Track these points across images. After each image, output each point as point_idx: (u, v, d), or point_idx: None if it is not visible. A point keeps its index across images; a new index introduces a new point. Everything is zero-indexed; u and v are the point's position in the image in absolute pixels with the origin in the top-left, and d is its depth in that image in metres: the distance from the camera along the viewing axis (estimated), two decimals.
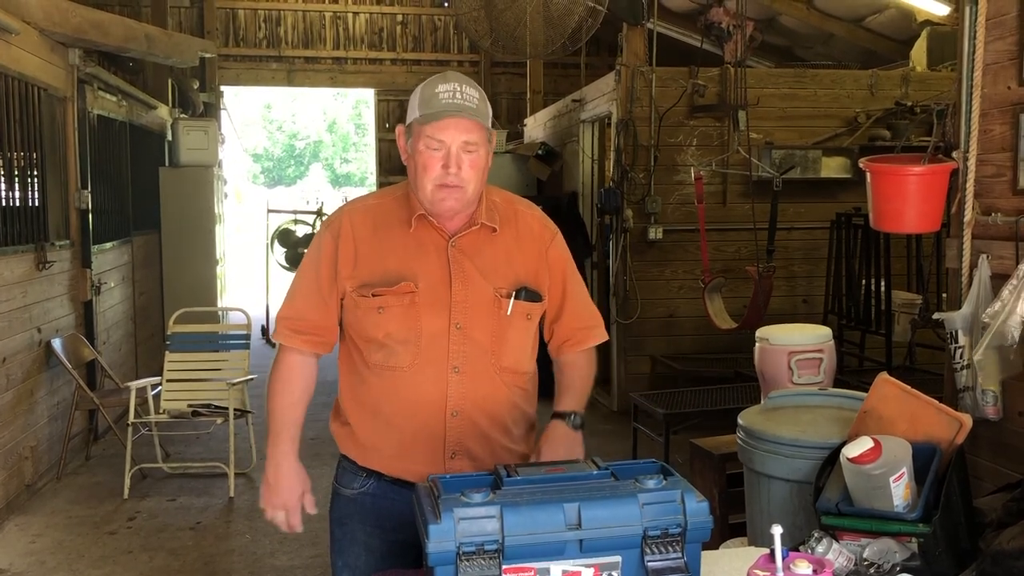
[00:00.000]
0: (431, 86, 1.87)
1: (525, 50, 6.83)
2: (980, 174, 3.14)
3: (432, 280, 1.91)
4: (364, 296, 1.92)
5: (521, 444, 2.02)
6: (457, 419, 1.92)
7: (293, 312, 2.01)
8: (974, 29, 3.10)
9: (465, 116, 1.83)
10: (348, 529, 2.02)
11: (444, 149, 1.84)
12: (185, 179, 8.97)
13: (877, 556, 1.86)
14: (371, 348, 1.94)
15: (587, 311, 2.10)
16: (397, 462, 1.95)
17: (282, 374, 2.02)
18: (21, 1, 5.14)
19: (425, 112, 1.84)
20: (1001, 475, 2.89)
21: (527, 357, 2.01)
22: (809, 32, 9.07)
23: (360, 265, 1.93)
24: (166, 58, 7.32)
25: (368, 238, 1.95)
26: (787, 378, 3.51)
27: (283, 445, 1.99)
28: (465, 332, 1.91)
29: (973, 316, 3.02)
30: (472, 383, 1.92)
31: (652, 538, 1.47)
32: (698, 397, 5.26)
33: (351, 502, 2.02)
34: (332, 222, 2.00)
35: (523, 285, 1.95)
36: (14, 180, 5.35)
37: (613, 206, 6.81)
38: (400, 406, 1.93)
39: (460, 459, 1.92)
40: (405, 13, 11.63)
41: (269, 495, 1.99)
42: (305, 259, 2.04)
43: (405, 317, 1.90)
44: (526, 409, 2.03)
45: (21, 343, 5.08)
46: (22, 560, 4.24)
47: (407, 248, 1.93)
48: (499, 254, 1.96)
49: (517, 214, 2.03)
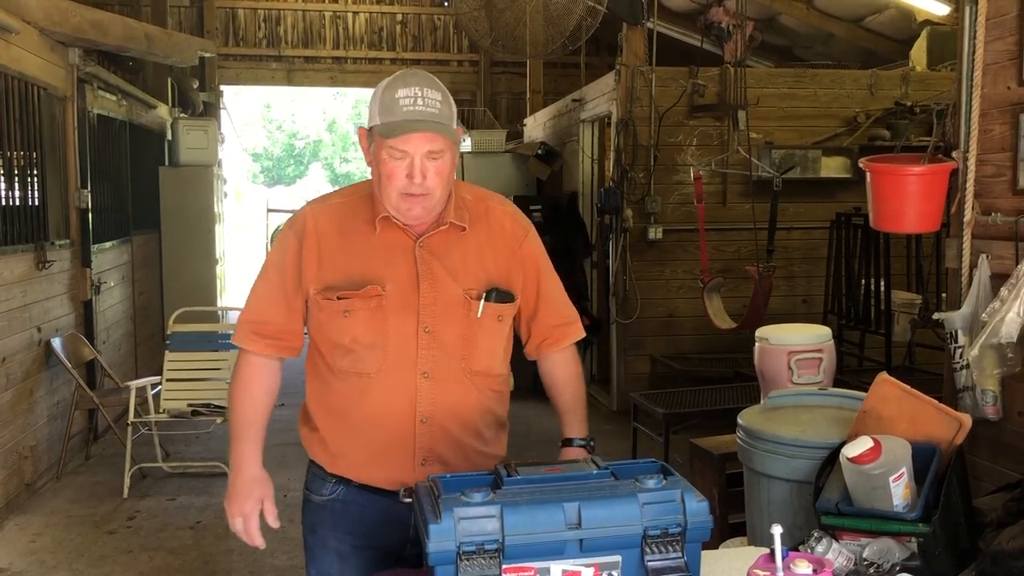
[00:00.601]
0: (391, 90, 1.79)
1: (525, 49, 6.83)
2: (980, 174, 3.14)
3: (399, 283, 1.85)
4: (329, 299, 1.86)
5: (493, 446, 1.97)
6: (427, 425, 1.87)
7: (256, 315, 1.94)
8: (974, 29, 3.11)
9: (425, 129, 1.76)
10: (320, 536, 1.98)
11: (408, 159, 1.78)
12: (185, 178, 8.97)
13: (877, 556, 1.86)
14: (336, 353, 1.88)
15: (564, 308, 2.04)
16: (366, 469, 1.90)
17: (243, 377, 1.96)
18: (21, 1, 5.14)
19: (386, 121, 1.77)
20: (1001, 475, 2.89)
21: (499, 360, 1.95)
22: (809, 32, 9.07)
23: (325, 267, 1.87)
24: (166, 57, 7.32)
25: (333, 239, 1.88)
26: (787, 378, 3.51)
27: (245, 450, 1.93)
28: (434, 336, 1.85)
29: (973, 316, 3.02)
30: (442, 388, 1.87)
31: (652, 538, 1.47)
32: (698, 397, 5.26)
33: (321, 509, 1.97)
34: (295, 222, 1.93)
35: (494, 286, 1.90)
36: (14, 179, 5.34)
37: (613, 206, 6.82)
38: (368, 413, 1.87)
39: (431, 465, 1.87)
40: (405, 13, 11.63)
41: (228, 502, 1.93)
42: (268, 260, 1.97)
43: (372, 321, 1.84)
44: (498, 411, 1.98)
45: (21, 342, 5.08)
46: (22, 559, 4.24)
47: (373, 249, 1.87)
48: (469, 254, 1.90)
49: (488, 211, 1.97)
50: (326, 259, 1.87)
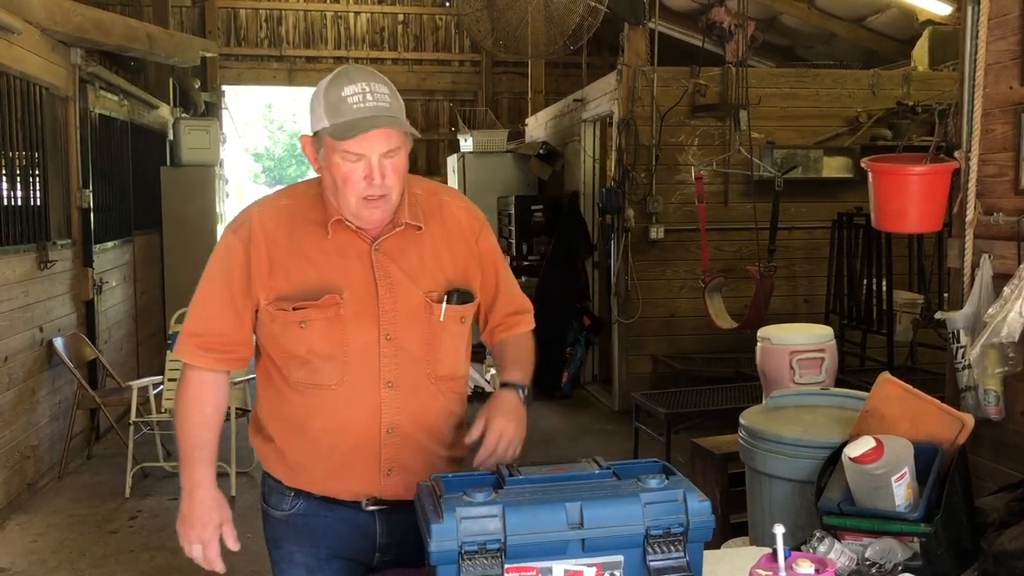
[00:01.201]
0: (335, 89, 1.69)
1: (526, 50, 6.83)
2: (982, 174, 3.14)
3: (357, 290, 1.76)
4: (283, 310, 1.76)
5: (456, 448, 1.92)
6: (393, 436, 1.79)
7: (202, 327, 1.81)
8: (976, 29, 3.10)
9: (382, 126, 1.68)
10: (285, 552, 1.89)
11: (364, 160, 1.69)
12: (186, 178, 8.97)
13: (879, 556, 1.86)
14: (292, 365, 1.79)
15: (518, 299, 2.01)
16: (328, 482, 1.82)
17: (190, 394, 1.83)
18: (23, 1, 5.15)
19: (336, 123, 1.67)
20: (1003, 475, 2.89)
21: (462, 362, 1.90)
22: (810, 32, 9.06)
23: (276, 275, 1.77)
24: (168, 58, 7.32)
25: (283, 244, 1.77)
26: (789, 378, 3.51)
27: (197, 472, 1.81)
28: (396, 343, 1.77)
29: (975, 316, 3.02)
30: (407, 397, 1.79)
31: (654, 537, 1.47)
32: (699, 397, 5.25)
33: (283, 524, 1.89)
34: (240, 226, 1.80)
35: (454, 287, 1.83)
36: (16, 179, 5.35)
37: (614, 206, 6.82)
38: (329, 425, 1.78)
39: (396, 475, 1.81)
40: (406, 13, 11.63)
41: (183, 528, 1.82)
42: (210, 268, 1.83)
43: (329, 331, 1.75)
44: (459, 412, 1.93)
45: (23, 342, 5.08)
46: (23, 559, 4.25)
47: (326, 255, 1.77)
48: (426, 253, 1.83)
49: (442, 206, 1.88)
50: (277, 266, 1.77)
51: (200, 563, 1.83)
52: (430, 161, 11.51)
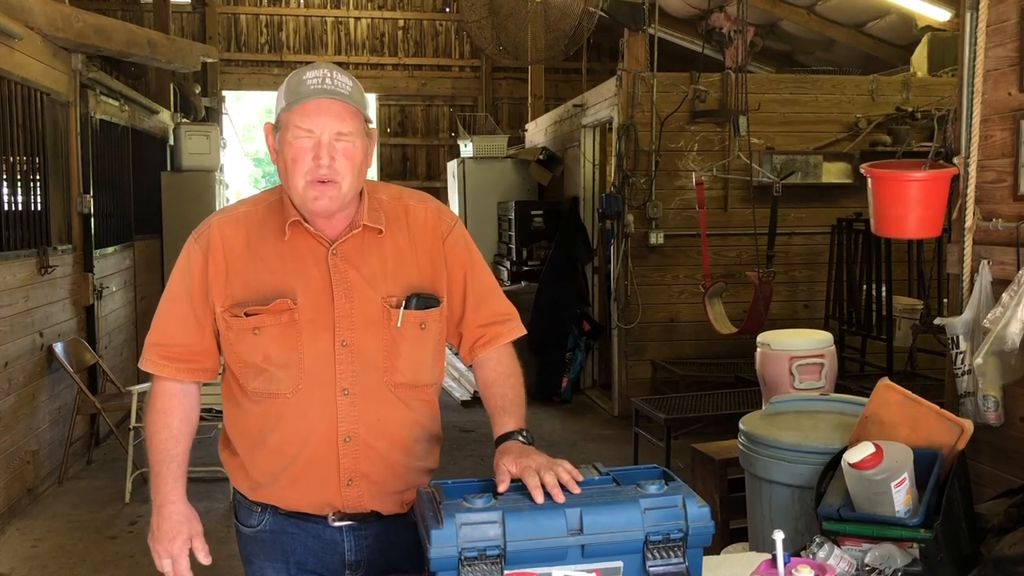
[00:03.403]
0: (298, 75, 1.71)
1: (527, 55, 6.86)
2: (981, 180, 3.15)
3: (312, 294, 1.73)
4: (236, 316, 1.73)
5: (426, 459, 1.86)
6: (351, 445, 1.75)
7: (165, 337, 1.80)
8: (975, 35, 3.11)
9: (336, 99, 1.66)
10: (256, 567, 1.88)
11: (314, 138, 1.67)
12: (187, 183, 8.98)
13: (879, 561, 1.86)
14: (248, 374, 1.77)
15: (495, 306, 1.87)
16: (289, 494, 1.80)
17: (157, 407, 1.81)
18: (25, 6, 5.16)
19: (292, 99, 1.68)
20: (1002, 481, 2.89)
21: (426, 369, 1.82)
22: (810, 37, 9.08)
23: (232, 282, 1.75)
24: (168, 63, 7.33)
25: (240, 251, 1.75)
26: (788, 383, 3.52)
27: (165, 488, 1.78)
28: (353, 350, 1.73)
29: (974, 321, 3.03)
30: (365, 405, 1.75)
31: (654, 543, 1.47)
32: (699, 402, 5.26)
33: (252, 540, 1.87)
34: (200, 235, 1.79)
35: (415, 292, 1.77)
36: (17, 184, 5.35)
37: (614, 211, 6.82)
38: (286, 436, 1.76)
39: (358, 485, 1.77)
40: (407, 18, 11.65)
41: (153, 543, 1.78)
42: (173, 277, 1.81)
43: (284, 338, 1.72)
44: (428, 424, 1.86)
45: (23, 347, 5.08)
46: (23, 564, 4.24)
47: (283, 260, 1.75)
48: (387, 258, 1.78)
49: (407, 210, 1.83)
50: (233, 273, 1.75)
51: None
52: (430, 166, 11.53)
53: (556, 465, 1.55)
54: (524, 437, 1.71)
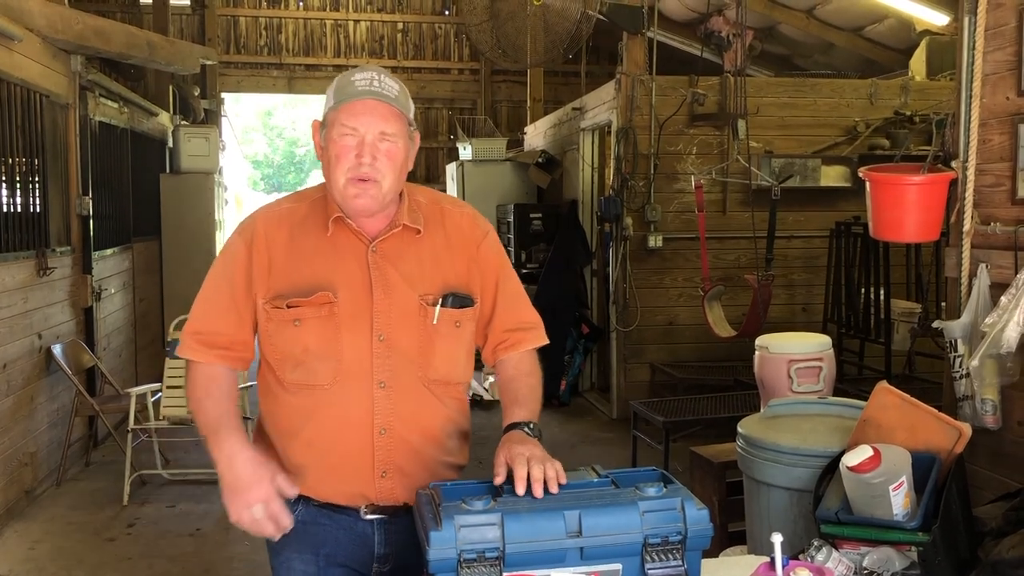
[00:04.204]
0: (347, 76, 1.77)
1: (526, 58, 6.87)
2: (979, 184, 3.15)
3: (352, 289, 1.77)
4: (278, 308, 1.77)
5: (457, 455, 1.89)
6: (386, 437, 1.79)
7: (204, 326, 1.83)
8: (973, 39, 3.12)
9: (382, 101, 1.72)
10: (284, 559, 1.89)
11: (358, 137, 1.72)
12: (186, 185, 8.98)
13: (877, 565, 1.86)
14: (287, 366, 1.80)
15: (522, 313, 1.92)
16: (324, 486, 1.82)
17: (198, 384, 1.82)
18: (24, 8, 5.16)
19: (339, 98, 1.75)
20: (1000, 484, 2.89)
21: (459, 367, 1.86)
22: (809, 41, 9.10)
23: (275, 274, 1.79)
24: (168, 65, 7.33)
25: (283, 245, 1.80)
26: (787, 386, 3.52)
27: (227, 443, 1.73)
28: (389, 344, 1.77)
29: (972, 325, 3.03)
30: (400, 398, 1.79)
31: (652, 546, 1.47)
32: (698, 405, 5.26)
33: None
34: (244, 229, 1.85)
35: (451, 291, 1.82)
36: (16, 186, 5.35)
37: (613, 214, 6.83)
38: (323, 427, 1.79)
39: (391, 477, 1.80)
40: (406, 21, 11.66)
41: (235, 498, 1.71)
42: (214, 268, 1.88)
43: (323, 330, 1.76)
44: (459, 420, 1.90)
45: (21, 349, 5.08)
46: (21, 566, 4.24)
47: (324, 255, 1.80)
48: (425, 258, 1.83)
49: (444, 214, 1.88)
50: (276, 266, 1.80)
51: (261, 527, 1.70)
52: (429, 169, 11.53)
53: (548, 461, 1.57)
54: (530, 429, 1.72)
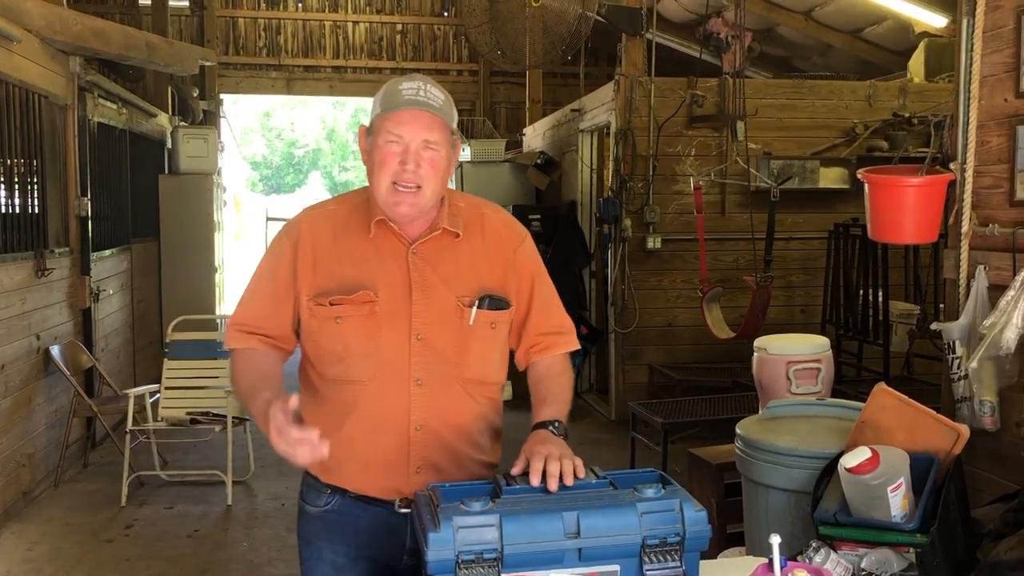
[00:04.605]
0: (394, 84, 1.82)
1: (525, 60, 6.87)
2: (977, 185, 3.15)
3: (392, 289, 1.84)
4: (321, 305, 1.84)
5: (489, 454, 1.94)
6: (421, 433, 1.84)
7: (245, 318, 1.92)
8: (971, 41, 3.12)
9: (428, 111, 1.78)
10: (315, 548, 1.95)
11: (403, 144, 1.78)
12: (184, 187, 8.98)
13: (875, 566, 1.86)
14: (328, 361, 1.86)
15: (556, 317, 1.99)
16: (361, 478, 1.88)
17: (238, 367, 1.89)
18: (23, 9, 5.16)
19: (386, 106, 1.80)
20: (998, 485, 2.89)
21: (494, 368, 1.92)
22: (807, 43, 9.10)
23: (319, 273, 1.86)
24: (166, 66, 7.34)
25: (327, 245, 1.87)
26: (785, 388, 3.52)
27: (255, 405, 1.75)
28: (426, 343, 1.83)
29: (971, 327, 3.03)
30: (436, 396, 1.84)
31: (651, 547, 1.47)
32: (696, 406, 5.26)
33: (316, 520, 1.94)
34: (291, 228, 1.93)
35: (487, 293, 1.88)
36: (14, 187, 5.35)
37: (612, 215, 6.83)
38: (361, 421, 1.84)
39: (425, 473, 1.84)
40: (404, 22, 11.67)
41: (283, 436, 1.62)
42: (260, 265, 1.95)
43: (363, 328, 1.82)
44: (493, 420, 1.95)
45: (19, 350, 5.08)
46: (19, 568, 4.23)
47: (366, 255, 1.86)
48: (463, 261, 1.89)
49: (483, 219, 1.94)
50: (320, 265, 1.86)
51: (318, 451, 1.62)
52: None
53: (567, 457, 1.60)
54: (555, 428, 1.77)
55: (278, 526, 4.75)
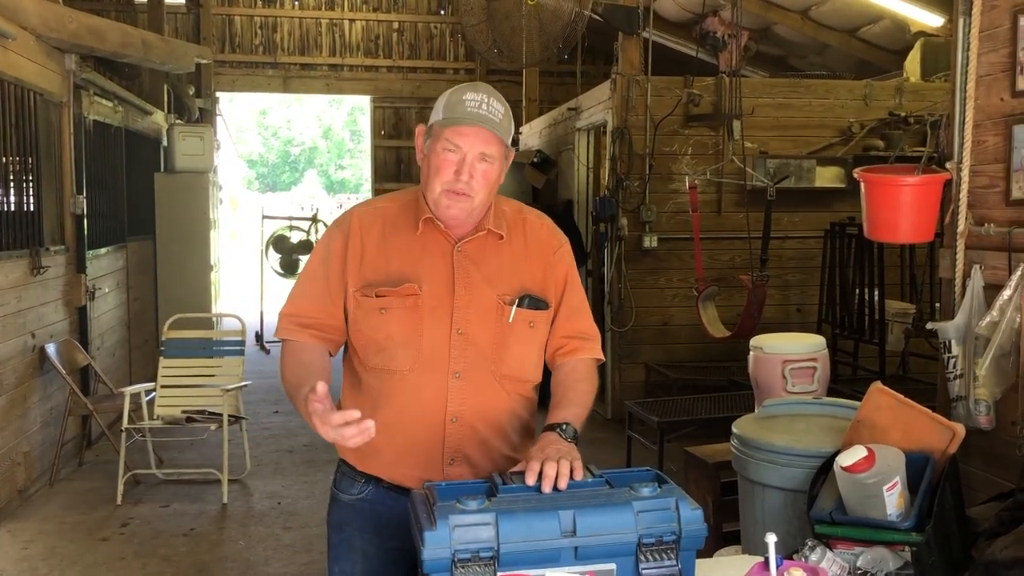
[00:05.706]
0: (459, 92, 1.88)
1: (522, 58, 6.87)
2: (973, 185, 3.16)
3: (436, 284, 1.90)
4: (367, 296, 1.91)
5: (520, 451, 1.97)
6: (456, 425, 1.90)
7: (297, 309, 1.98)
8: (967, 41, 3.13)
9: (487, 127, 1.84)
10: (345, 535, 2.00)
11: (460, 154, 1.85)
12: (180, 185, 8.96)
13: (871, 565, 1.87)
14: (371, 350, 1.92)
15: (582, 323, 2.04)
16: (395, 468, 1.93)
17: (287, 360, 1.93)
18: (18, 6, 5.15)
19: (449, 116, 1.85)
20: (994, 484, 2.90)
21: (531, 365, 1.97)
22: (804, 42, 9.11)
23: (366, 265, 1.93)
24: (162, 64, 7.32)
25: (376, 239, 1.94)
26: (781, 387, 3.53)
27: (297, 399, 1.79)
28: (466, 338, 1.89)
29: (966, 326, 3.04)
30: (472, 389, 1.90)
31: (647, 546, 1.48)
32: (692, 405, 5.26)
33: (349, 508, 1.99)
34: (342, 222, 2.00)
35: (527, 293, 1.94)
36: (9, 185, 5.34)
37: (608, 214, 6.83)
38: (399, 411, 1.90)
39: (459, 465, 1.90)
40: (401, 21, 11.66)
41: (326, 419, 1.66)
42: (312, 258, 2.03)
43: (407, 320, 1.89)
44: (525, 417, 2.00)
45: (15, 348, 5.07)
46: (14, 567, 4.23)
47: (412, 250, 1.93)
48: (505, 261, 1.95)
49: (526, 223, 2.03)
50: (368, 257, 1.93)
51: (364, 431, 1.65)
52: None
53: (566, 459, 1.62)
54: (563, 430, 1.79)
55: (274, 524, 4.75)
